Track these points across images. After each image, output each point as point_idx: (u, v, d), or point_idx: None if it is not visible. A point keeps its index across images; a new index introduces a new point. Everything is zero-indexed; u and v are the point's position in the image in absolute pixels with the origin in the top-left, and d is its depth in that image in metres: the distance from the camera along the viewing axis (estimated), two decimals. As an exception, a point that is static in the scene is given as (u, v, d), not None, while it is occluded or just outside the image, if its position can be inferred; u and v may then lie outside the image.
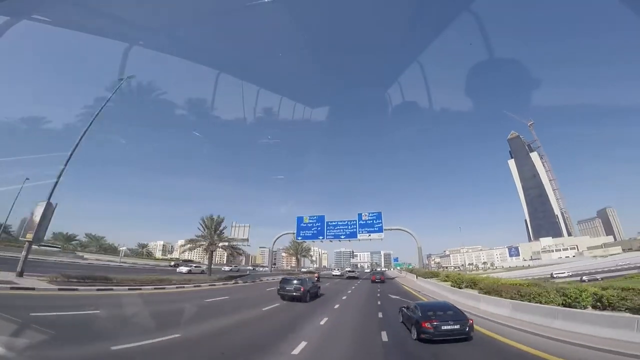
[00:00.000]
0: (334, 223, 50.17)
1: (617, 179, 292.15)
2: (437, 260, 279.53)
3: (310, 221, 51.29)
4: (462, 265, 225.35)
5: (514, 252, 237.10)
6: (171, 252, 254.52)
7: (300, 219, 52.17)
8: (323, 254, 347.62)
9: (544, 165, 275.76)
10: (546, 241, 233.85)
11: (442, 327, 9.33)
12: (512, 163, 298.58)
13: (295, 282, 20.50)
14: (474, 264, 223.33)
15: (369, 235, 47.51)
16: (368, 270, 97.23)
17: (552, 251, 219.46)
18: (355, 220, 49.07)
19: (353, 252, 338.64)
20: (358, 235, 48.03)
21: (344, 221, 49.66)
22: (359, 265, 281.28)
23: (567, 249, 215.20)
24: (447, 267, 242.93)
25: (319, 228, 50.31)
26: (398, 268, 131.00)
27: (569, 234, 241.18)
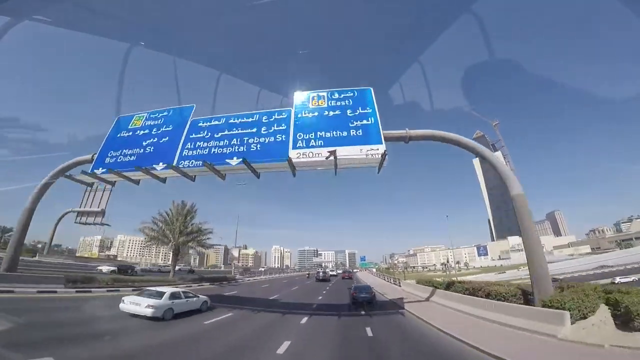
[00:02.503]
0: (216, 124, 14.13)
1: (561, 185, 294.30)
2: (402, 259, 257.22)
3: (150, 123, 14.93)
4: (434, 265, 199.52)
5: (482, 251, 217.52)
6: (109, 248, 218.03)
7: (122, 123, 15.45)
8: (286, 253, 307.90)
9: (507, 165, 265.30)
10: (514, 240, 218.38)
11: (360, 295, 17.81)
12: (476, 162, 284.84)
13: (321, 272, 45.40)
14: (447, 264, 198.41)
15: (330, 151, 11.96)
16: (340, 271, 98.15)
17: (522, 250, 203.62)
18: (289, 112, 13.75)
19: (317, 250, 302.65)
20: (291, 151, 12.13)
21: (252, 116, 14.04)
22: (322, 265, 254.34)
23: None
24: (414, 267, 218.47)
25: (169, 138, 14.14)
26: (373, 269, 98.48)
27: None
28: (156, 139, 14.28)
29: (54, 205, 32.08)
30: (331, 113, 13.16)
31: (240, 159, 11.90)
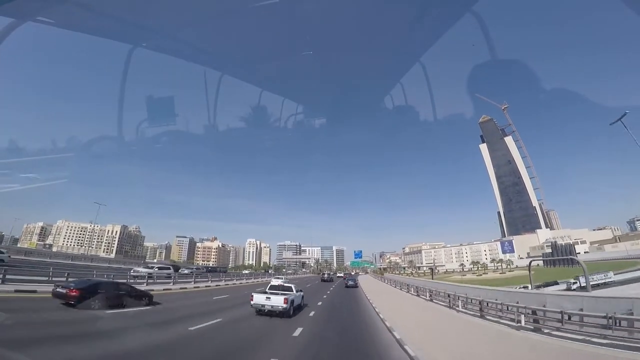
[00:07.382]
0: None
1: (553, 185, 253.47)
2: (395, 258, 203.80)
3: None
4: (462, 264, 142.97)
5: (507, 247, 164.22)
6: (48, 236, 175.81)
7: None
8: (265, 248, 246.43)
9: (519, 151, 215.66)
10: (544, 233, 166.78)
11: (349, 282, 40.89)
12: (484, 148, 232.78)
13: (326, 274, 57.25)
14: (481, 262, 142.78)
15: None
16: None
17: (565, 245, 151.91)
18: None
19: (300, 246, 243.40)
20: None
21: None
22: (306, 263, 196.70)
23: (577, 243, 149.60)
24: (419, 268, 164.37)
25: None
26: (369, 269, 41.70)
27: (549, 228, 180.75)
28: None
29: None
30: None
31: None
